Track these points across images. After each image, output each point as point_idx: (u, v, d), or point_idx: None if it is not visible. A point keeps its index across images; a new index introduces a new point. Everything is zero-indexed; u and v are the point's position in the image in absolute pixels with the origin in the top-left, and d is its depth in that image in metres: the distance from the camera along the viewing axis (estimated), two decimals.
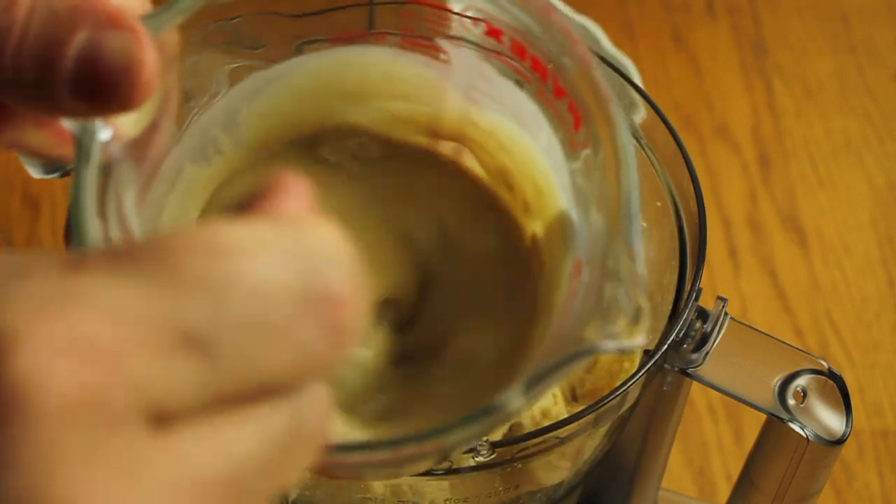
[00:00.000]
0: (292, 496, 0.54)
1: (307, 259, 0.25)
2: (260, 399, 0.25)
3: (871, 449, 0.75)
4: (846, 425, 0.51)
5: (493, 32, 0.41)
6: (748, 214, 0.84)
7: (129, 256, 0.25)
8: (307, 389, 0.26)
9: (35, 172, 0.44)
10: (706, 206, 0.53)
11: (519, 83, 0.42)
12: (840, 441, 0.51)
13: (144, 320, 0.24)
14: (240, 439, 0.25)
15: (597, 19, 0.84)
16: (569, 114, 0.40)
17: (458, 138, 0.45)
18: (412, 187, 0.46)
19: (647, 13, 0.93)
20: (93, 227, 0.32)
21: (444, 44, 0.43)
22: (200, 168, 0.43)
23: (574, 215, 0.41)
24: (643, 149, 0.56)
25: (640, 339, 0.33)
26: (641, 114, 0.56)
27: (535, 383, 0.34)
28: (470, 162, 0.46)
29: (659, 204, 0.55)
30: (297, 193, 0.27)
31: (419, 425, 0.41)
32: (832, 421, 0.51)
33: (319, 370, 0.26)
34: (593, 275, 0.37)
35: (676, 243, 0.54)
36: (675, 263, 0.53)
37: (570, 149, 0.41)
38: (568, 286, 0.40)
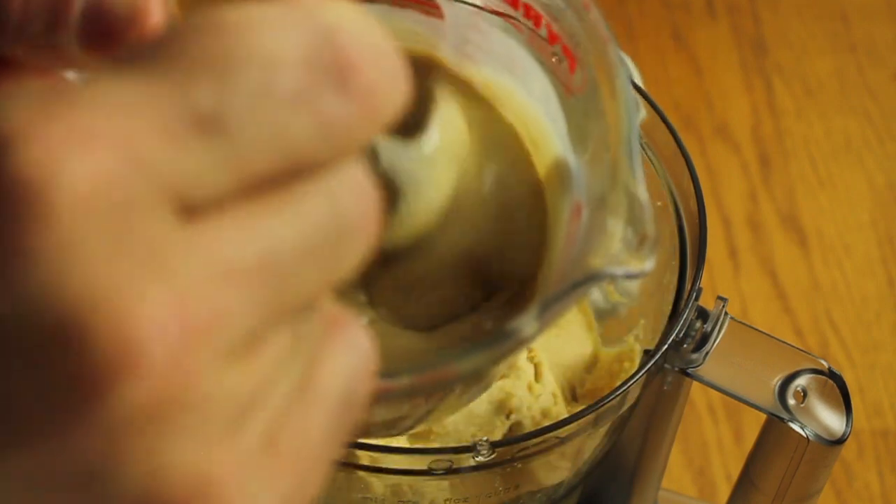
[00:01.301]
0: None
1: (321, 28, 0.24)
2: (291, 183, 0.24)
3: (871, 449, 0.75)
4: (846, 425, 0.51)
5: None
6: (748, 214, 0.84)
7: (135, 55, 0.24)
8: (342, 169, 0.25)
9: None
10: (706, 206, 0.53)
11: (509, 31, 0.43)
12: (840, 441, 0.51)
13: (152, 108, 0.23)
14: (275, 224, 0.24)
15: None
16: (564, 57, 0.40)
17: (454, 93, 0.45)
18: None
19: (646, 12, 0.93)
20: None
21: None
22: None
23: (571, 160, 0.41)
24: (643, 148, 0.56)
25: (647, 265, 0.34)
26: (641, 114, 0.56)
27: (548, 308, 0.34)
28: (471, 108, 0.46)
29: (659, 204, 0.55)
30: None
31: (405, 343, 0.41)
32: (832, 421, 0.51)
33: (348, 143, 0.24)
34: (595, 212, 0.37)
35: (676, 243, 0.54)
36: (675, 263, 0.53)
37: (566, 92, 0.41)
38: (567, 229, 0.40)
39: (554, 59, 0.41)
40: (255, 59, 0.23)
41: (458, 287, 0.42)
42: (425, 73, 0.43)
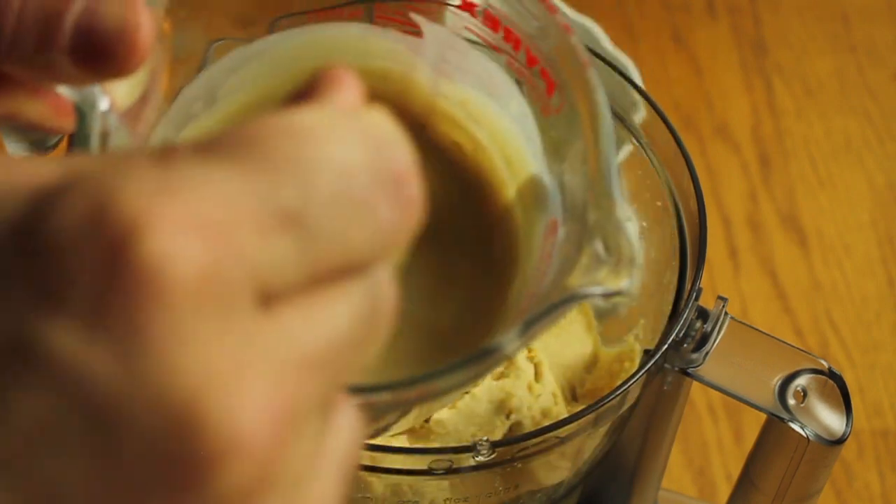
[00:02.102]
0: None
1: (374, 140, 0.27)
2: (347, 277, 0.27)
3: (871, 449, 0.75)
4: (846, 425, 0.51)
5: (466, 6, 0.42)
6: (748, 214, 0.84)
7: (215, 145, 0.25)
8: (381, 266, 0.28)
9: (16, 150, 0.44)
10: (706, 206, 0.53)
11: (487, 52, 0.43)
12: (840, 441, 0.51)
13: (246, 201, 0.25)
14: (334, 315, 0.26)
15: (597, 19, 0.84)
16: (541, 80, 0.41)
17: (428, 111, 0.46)
18: None
19: (647, 13, 0.93)
20: None
21: (417, 18, 0.44)
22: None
23: (546, 179, 0.42)
24: (643, 149, 0.56)
25: (625, 284, 0.34)
26: (641, 114, 0.56)
27: (529, 327, 0.35)
28: (441, 131, 0.46)
29: (659, 204, 0.55)
30: (349, 84, 0.29)
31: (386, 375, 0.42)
32: (832, 421, 0.51)
33: (392, 246, 0.27)
34: (571, 230, 0.37)
35: (676, 243, 0.54)
36: (675, 263, 0.53)
37: (543, 112, 0.42)
38: (541, 247, 0.41)
39: (532, 81, 0.41)
40: (331, 165, 0.26)
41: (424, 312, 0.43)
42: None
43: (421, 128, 0.45)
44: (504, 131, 0.44)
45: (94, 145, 0.34)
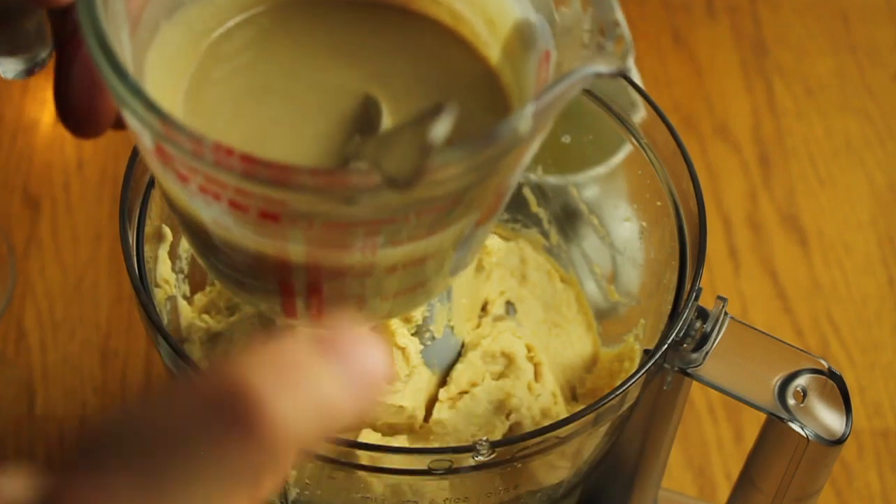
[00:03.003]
0: (292, 495, 0.54)
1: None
2: None
3: (871, 449, 0.75)
4: (846, 425, 0.51)
5: None
6: (748, 214, 0.84)
7: None
8: None
9: (8, 73, 0.44)
10: (706, 206, 0.53)
11: None
12: (840, 441, 0.51)
13: None
14: None
15: None
16: None
17: None
18: (368, 32, 0.45)
19: (647, 13, 0.93)
20: (115, 42, 0.35)
21: None
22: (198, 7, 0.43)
23: (533, 17, 0.41)
24: (643, 149, 0.56)
25: (622, 63, 0.35)
26: (641, 114, 0.56)
27: (540, 100, 0.35)
28: (419, 10, 0.45)
29: (659, 204, 0.55)
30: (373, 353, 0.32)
31: None
32: (832, 421, 0.51)
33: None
34: (565, 42, 0.38)
35: (676, 243, 0.54)
36: (675, 263, 0.53)
37: None
38: (536, 78, 0.40)
39: None
40: None
41: None
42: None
43: (401, 10, 0.44)
44: None
45: (101, 7, 0.35)
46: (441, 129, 0.33)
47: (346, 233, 0.37)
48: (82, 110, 0.42)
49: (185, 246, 0.57)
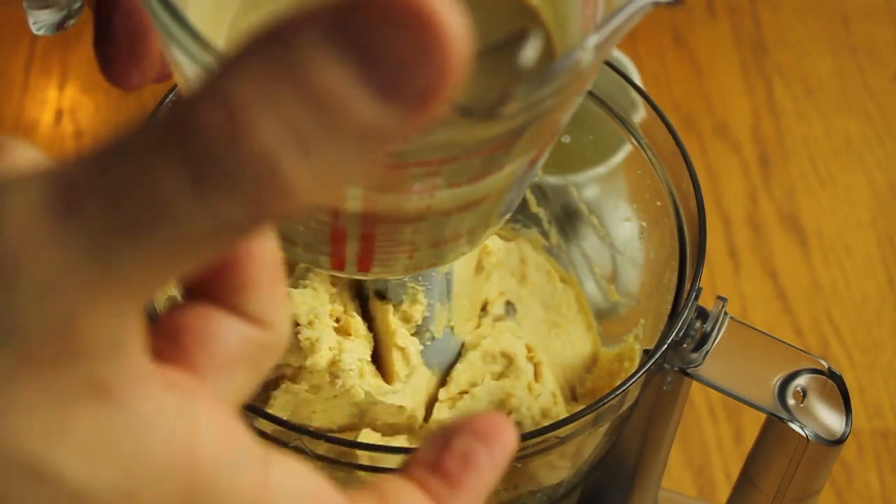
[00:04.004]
0: None
1: None
2: None
3: (871, 449, 0.75)
4: (846, 425, 0.51)
5: None
6: (748, 214, 0.84)
7: None
8: None
9: (41, 28, 0.43)
10: (706, 206, 0.53)
11: None
12: (840, 441, 0.51)
13: None
14: None
15: None
16: None
17: None
18: None
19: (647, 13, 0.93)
20: None
21: None
22: None
23: None
24: (643, 149, 0.56)
25: None
26: (641, 114, 0.56)
27: (600, 34, 0.34)
28: None
29: (659, 204, 0.55)
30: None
31: None
32: (832, 421, 0.51)
33: None
34: None
35: (676, 243, 0.54)
36: (675, 263, 0.53)
37: None
38: (581, 16, 0.40)
39: None
40: None
41: None
42: None
43: None
44: None
45: None
46: (530, 53, 0.32)
47: (407, 174, 0.35)
48: (124, 59, 0.41)
49: None
